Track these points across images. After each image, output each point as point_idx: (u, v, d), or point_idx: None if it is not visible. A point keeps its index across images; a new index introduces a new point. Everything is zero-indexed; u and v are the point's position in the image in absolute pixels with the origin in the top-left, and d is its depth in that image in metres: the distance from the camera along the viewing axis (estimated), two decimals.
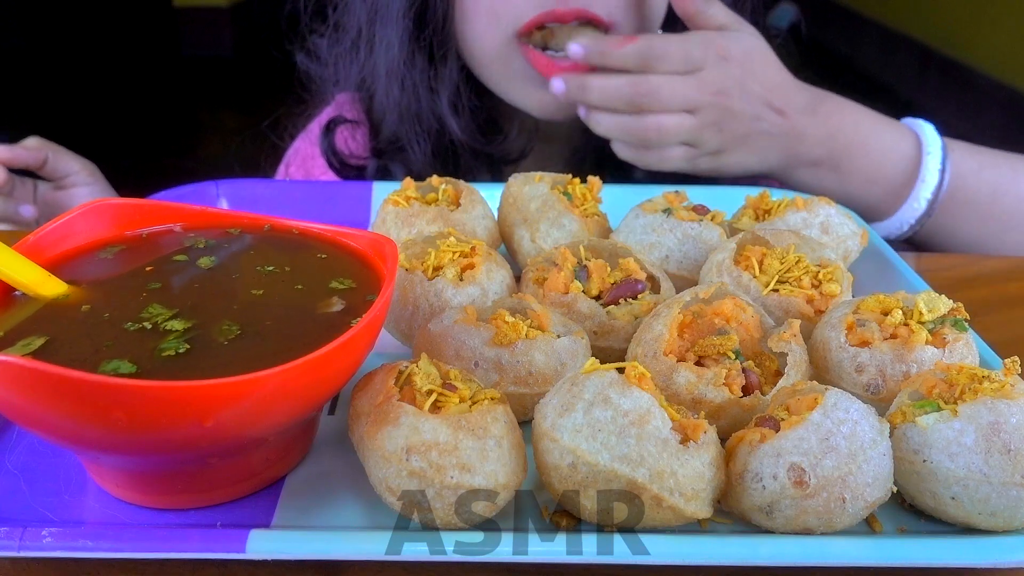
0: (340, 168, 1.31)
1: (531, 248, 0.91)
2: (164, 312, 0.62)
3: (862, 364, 0.70)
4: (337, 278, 0.68)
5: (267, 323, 0.62)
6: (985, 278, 1.08)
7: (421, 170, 1.24)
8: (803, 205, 0.91)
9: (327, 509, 0.62)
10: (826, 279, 0.79)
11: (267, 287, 0.67)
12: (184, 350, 0.57)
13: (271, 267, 0.69)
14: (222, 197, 1.08)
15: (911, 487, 0.62)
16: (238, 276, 0.68)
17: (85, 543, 0.55)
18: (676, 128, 1.10)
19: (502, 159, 1.28)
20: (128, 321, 0.61)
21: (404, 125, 1.24)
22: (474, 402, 0.61)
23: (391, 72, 1.22)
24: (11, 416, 0.55)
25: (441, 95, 1.22)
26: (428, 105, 1.22)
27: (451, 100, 1.22)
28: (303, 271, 0.69)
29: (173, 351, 0.57)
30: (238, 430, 0.56)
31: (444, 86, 1.22)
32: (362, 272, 0.69)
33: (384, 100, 1.25)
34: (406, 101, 1.23)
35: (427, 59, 1.21)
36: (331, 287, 0.67)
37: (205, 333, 0.60)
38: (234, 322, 0.61)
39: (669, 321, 0.69)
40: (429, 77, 1.21)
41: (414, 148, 1.24)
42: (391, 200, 0.92)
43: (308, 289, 0.67)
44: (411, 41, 1.19)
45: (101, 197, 1.00)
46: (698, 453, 0.57)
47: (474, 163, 1.26)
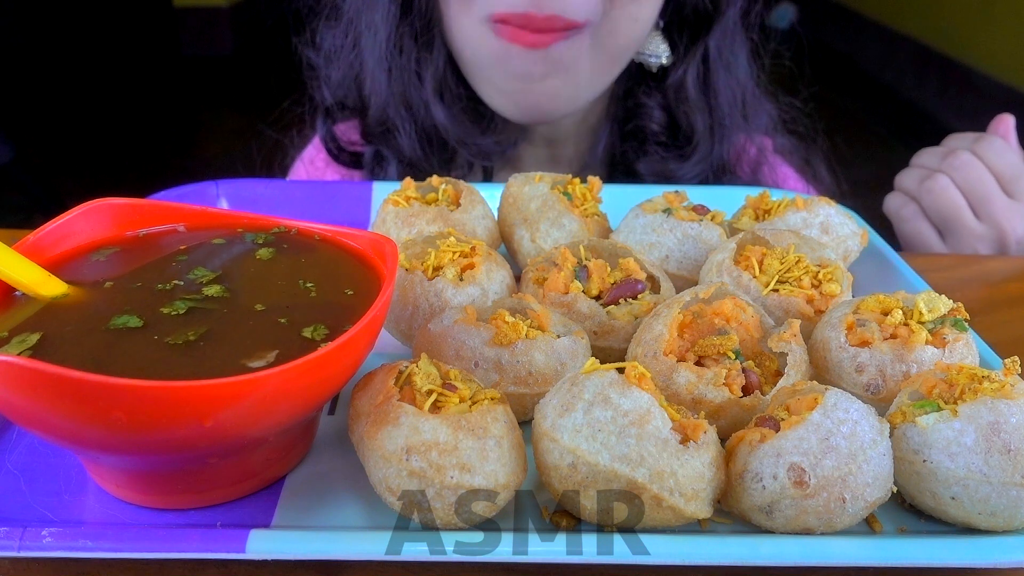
0: (337, 153, 1.32)
1: (531, 248, 0.91)
2: (164, 311, 0.62)
3: (862, 364, 0.70)
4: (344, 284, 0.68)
5: (268, 322, 0.62)
6: (985, 278, 1.08)
7: (411, 155, 1.25)
8: (803, 205, 0.91)
9: (327, 509, 0.62)
10: (826, 279, 0.79)
11: (269, 287, 0.67)
12: (184, 350, 0.57)
13: (273, 267, 0.69)
14: (222, 197, 1.08)
15: (911, 487, 0.62)
16: (239, 276, 0.68)
17: (85, 543, 0.55)
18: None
19: (488, 150, 1.27)
20: (129, 321, 0.61)
21: (391, 110, 1.25)
22: (474, 402, 0.61)
23: (379, 58, 1.22)
24: (11, 416, 0.55)
25: (426, 81, 1.22)
26: (414, 91, 1.23)
27: (436, 87, 1.22)
28: (304, 271, 0.69)
29: (174, 347, 0.57)
30: (238, 430, 0.56)
31: (429, 72, 1.22)
32: (362, 272, 0.69)
33: (372, 85, 1.25)
34: (393, 86, 1.23)
35: (413, 45, 1.21)
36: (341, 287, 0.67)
37: (206, 333, 0.60)
38: (235, 322, 0.61)
39: (669, 321, 0.69)
40: (415, 63, 1.22)
41: (401, 133, 1.25)
42: (391, 200, 0.92)
43: (309, 289, 0.67)
44: (398, 26, 1.20)
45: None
46: (698, 453, 0.57)
47: (462, 151, 1.26)
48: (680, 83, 1.28)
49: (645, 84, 1.31)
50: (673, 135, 1.31)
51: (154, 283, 0.66)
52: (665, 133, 1.31)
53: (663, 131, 1.31)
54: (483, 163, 1.28)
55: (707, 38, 1.27)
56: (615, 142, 1.35)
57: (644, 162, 1.30)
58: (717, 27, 1.26)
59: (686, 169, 1.29)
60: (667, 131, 1.31)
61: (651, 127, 1.30)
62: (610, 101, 1.35)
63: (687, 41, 1.27)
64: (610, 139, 1.35)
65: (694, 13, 1.26)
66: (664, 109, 1.30)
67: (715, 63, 1.28)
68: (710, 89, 1.29)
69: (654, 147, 1.30)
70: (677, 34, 1.27)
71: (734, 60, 1.30)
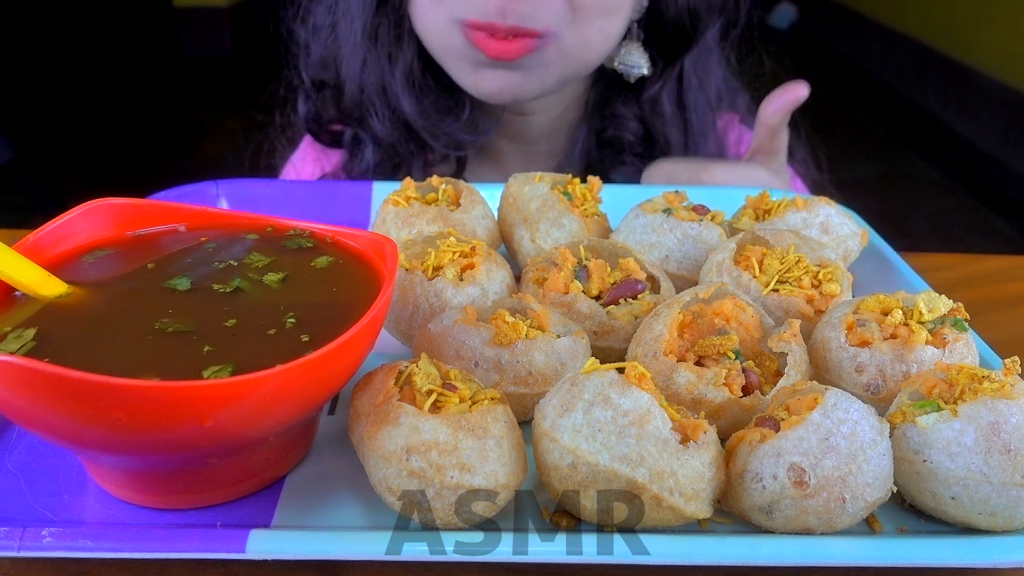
0: (319, 132, 1.34)
1: (531, 248, 0.91)
2: (165, 311, 0.62)
3: (862, 364, 0.70)
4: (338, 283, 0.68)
5: (268, 323, 0.62)
6: (985, 278, 1.08)
7: (386, 139, 1.27)
8: (803, 205, 0.91)
9: (327, 509, 0.62)
10: (826, 279, 0.79)
11: (269, 287, 0.67)
12: (184, 350, 0.57)
13: (273, 267, 0.69)
14: (222, 197, 1.08)
15: (911, 487, 0.62)
16: (239, 276, 0.68)
17: (85, 543, 0.55)
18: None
19: (460, 140, 1.28)
20: (128, 320, 0.61)
21: (365, 96, 1.27)
22: (474, 402, 0.61)
23: (354, 45, 1.24)
24: (11, 416, 0.55)
25: (396, 71, 1.24)
26: (388, 79, 1.25)
27: (405, 77, 1.24)
28: (304, 271, 0.69)
29: (174, 346, 0.57)
30: (238, 430, 0.56)
31: (399, 64, 1.24)
32: (362, 272, 0.69)
33: (347, 71, 1.27)
34: (366, 74, 1.25)
35: (387, 36, 1.23)
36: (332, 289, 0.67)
37: (207, 332, 0.60)
38: (235, 322, 0.61)
39: (669, 321, 0.69)
40: (387, 54, 1.24)
41: (375, 119, 1.27)
42: (391, 200, 0.92)
43: (309, 289, 0.67)
44: (373, 16, 1.22)
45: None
46: (698, 453, 0.57)
47: (432, 141, 1.27)
48: (655, 99, 1.30)
49: (623, 95, 1.32)
50: (649, 146, 1.33)
51: (154, 283, 0.66)
52: (640, 144, 1.33)
53: (639, 142, 1.32)
54: (455, 153, 1.30)
55: (684, 57, 1.28)
56: (592, 148, 1.36)
57: (620, 171, 1.31)
58: (695, 48, 1.28)
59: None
60: (642, 142, 1.33)
61: (627, 137, 1.32)
62: (587, 106, 1.37)
63: (665, 58, 1.29)
64: (587, 144, 1.36)
65: (674, 31, 1.27)
66: (640, 120, 1.32)
67: (689, 81, 1.31)
68: (684, 106, 1.32)
69: (630, 157, 1.32)
70: (656, 50, 1.28)
71: (706, 77, 1.32)
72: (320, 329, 0.61)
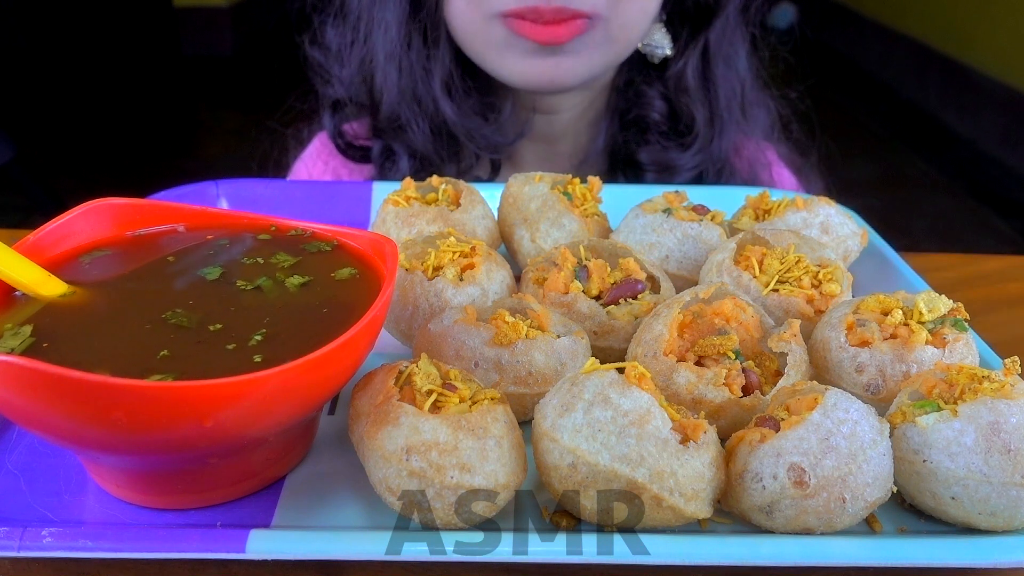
0: (346, 148, 1.33)
1: (531, 248, 0.91)
2: (163, 312, 0.62)
3: (862, 364, 0.70)
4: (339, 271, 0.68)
5: (268, 322, 0.62)
6: (985, 278, 1.08)
7: (422, 149, 1.27)
8: (803, 205, 0.91)
9: (327, 509, 0.62)
10: (826, 279, 0.79)
11: (269, 287, 0.67)
12: (184, 350, 0.57)
13: (272, 267, 0.69)
14: (222, 197, 1.08)
15: (911, 487, 0.62)
16: (240, 276, 0.68)
17: (85, 543, 0.55)
18: None
19: (496, 143, 1.29)
20: (128, 320, 0.61)
21: (402, 106, 1.27)
22: (474, 402, 0.61)
23: (389, 54, 1.24)
24: (11, 416, 0.55)
25: (435, 77, 1.24)
26: (424, 87, 1.25)
27: (444, 82, 1.24)
28: (304, 271, 0.69)
29: (173, 346, 0.57)
30: (238, 430, 0.56)
31: (437, 68, 1.24)
32: (362, 272, 0.69)
33: (383, 82, 1.27)
34: (403, 83, 1.25)
35: (422, 42, 1.23)
36: (332, 289, 0.67)
37: (205, 332, 0.60)
38: (237, 322, 0.61)
39: (669, 321, 0.69)
40: (424, 59, 1.24)
41: (413, 128, 1.27)
42: (391, 200, 0.92)
43: (310, 289, 0.67)
44: (407, 23, 1.22)
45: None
46: (698, 453, 0.57)
47: (470, 145, 1.28)
48: (680, 74, 1.30)
49: (646, 74, 1.32)
50: (674, 125, 1.33)
51: (154, 283, 0.66)
52: (666, 123, 1.33)
53: (664, 120, 1.32)
54: (491, 155, 1.30)
55: (707, 31, 1.29)
56: (615, 134, 1.36)
57: (645, 151, 1.31)
58: (717, 21, 1.28)
59: (686, 159, 1.30)
60: (668, 120, 1.33)
61: (652, 116, 1.32)
62: (611, 93, 1.37)
63: (688, 34, 1.29)
64: (610, 131, 1.36)
65: (695, 6, 1.28)
66: (664, 99, 1.32)
67: (715, 56, 1.30)
68: (709, 81, 1.31)
69: (655, 136, 1.32)
70: (678, 27, 1.29)
71: (733, 54, 1.32)
72: (319, 329, 0.60)
